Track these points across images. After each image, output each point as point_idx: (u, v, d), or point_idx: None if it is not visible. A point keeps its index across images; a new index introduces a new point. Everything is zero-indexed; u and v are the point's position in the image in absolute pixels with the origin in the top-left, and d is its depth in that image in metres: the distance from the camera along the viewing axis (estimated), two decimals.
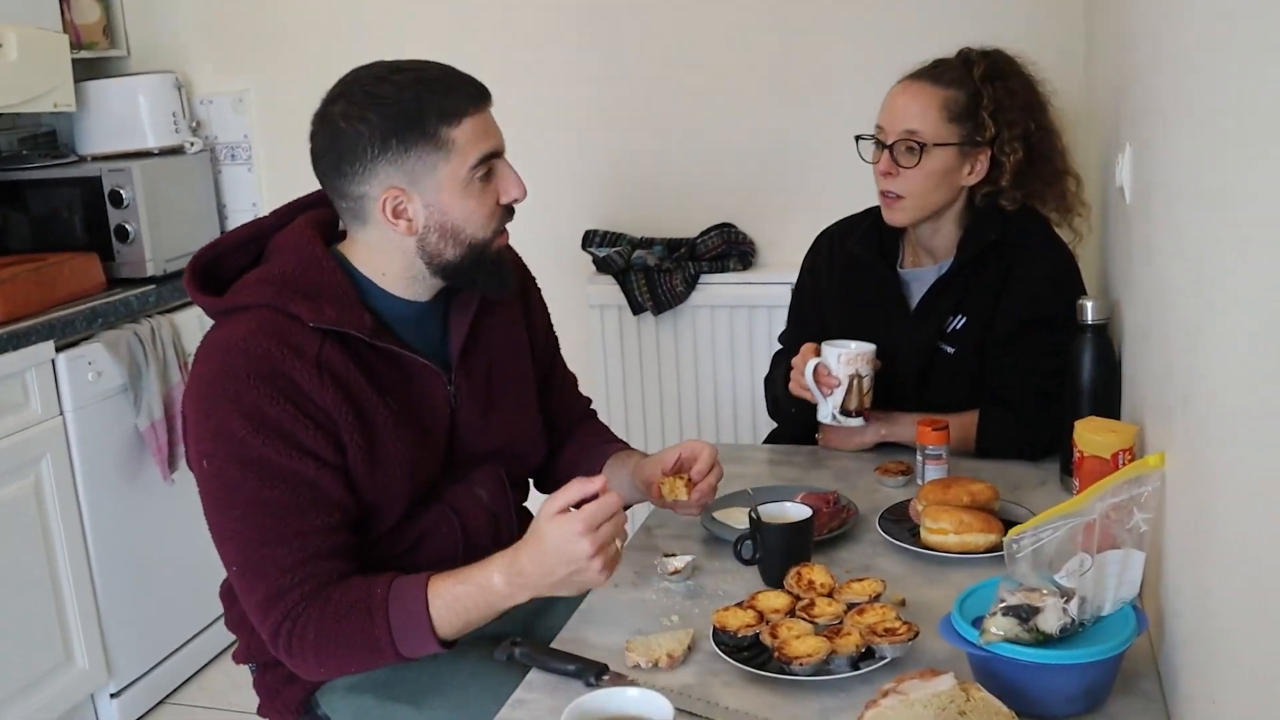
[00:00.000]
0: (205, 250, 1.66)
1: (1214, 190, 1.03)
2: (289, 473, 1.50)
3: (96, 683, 2.90)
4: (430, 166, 1.54)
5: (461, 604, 1.49)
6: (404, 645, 1.49)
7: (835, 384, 1.92)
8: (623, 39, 3.16)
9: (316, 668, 1.53)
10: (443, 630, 1.49)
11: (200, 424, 1.53)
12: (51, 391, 2.76)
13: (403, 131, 1.52)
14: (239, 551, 1.53)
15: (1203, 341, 1.10)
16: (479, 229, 1.59)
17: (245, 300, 1.56)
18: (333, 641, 1.49)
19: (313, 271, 1.58)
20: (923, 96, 2.00)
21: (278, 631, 1.51)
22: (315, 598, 1.50)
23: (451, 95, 1.54)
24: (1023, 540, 1.23)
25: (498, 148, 1.59)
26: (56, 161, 3.33)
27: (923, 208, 2.02)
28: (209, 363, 1.54)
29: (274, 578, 1.50)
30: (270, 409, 1.49)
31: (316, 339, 1.54)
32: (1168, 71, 1.31)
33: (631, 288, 3.07)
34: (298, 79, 3.44)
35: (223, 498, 1.53)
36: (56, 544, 2.77)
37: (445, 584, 1.50)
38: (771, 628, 1.39)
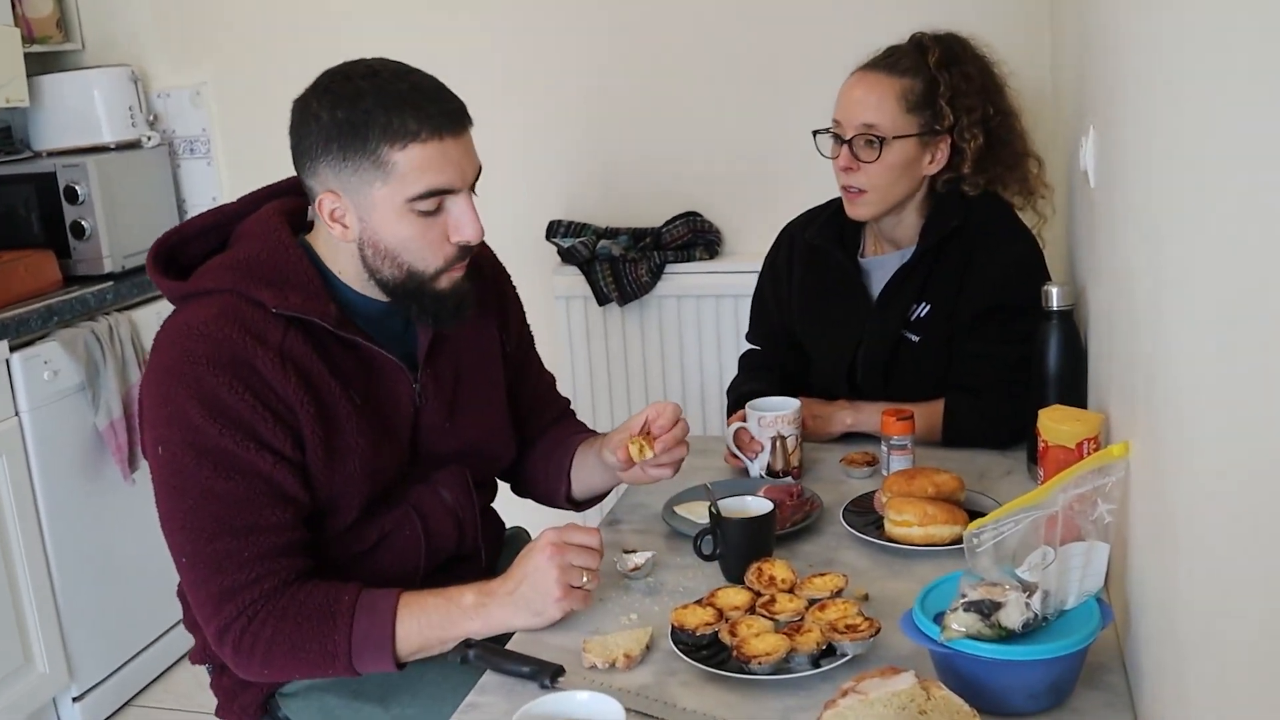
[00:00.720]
0: (169, 235, 1.63)
1: (1175, 172, 1.00)
2: (245, 465, 1.47)
3: (58, 686, 2.86)
4: (365, 183, 1.48)
5: (428, 618, 1.48)
6: (359, 658, 1.47)
7: (759, 448, 1.88)
8: (588, 27, 3.12)
9: (260, 669, 1.49)
10: (402, 647, 1.48)
11: (156, 409, 1.48)
12: (6, 392, 2.71)
13: (344, 139, 1.46)
14: (190, 542, 1.48)
15: (1164, 327, 1.07)
16: (418, 259, 1.53)
17: (208, 285, 1.53)
18: (288, 643, 1.46)
19: (278, 258, 1.54)
20: (879, 88, 1.96)
21: (228, 628, 1.47)
22: (276, 596, 1.47)
23: (406, 115, 1.44)
24: (983, 534, 1.20)
25: (449, 184, 1.49)
26: (10, 158, 3.29)
27: (885, 200, 1.99)
28: (169, 348, 1.49)
29: (230, 572, 1.46)
30: (229, 398, 1.45)
31: (280, 326, 1.50)
32: (1130, 53, 1.28)
33: (597, 278, 3.03)
34: (257, 72, 3.40)
35: (176, 486, 1.48)
36: (14, 546, 2.73)
37: (418, 597, 1.49)
38: (730, 625, 1.36)
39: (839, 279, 2.11)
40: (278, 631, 1.46)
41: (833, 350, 2.11)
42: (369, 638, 1.46)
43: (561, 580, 1.45)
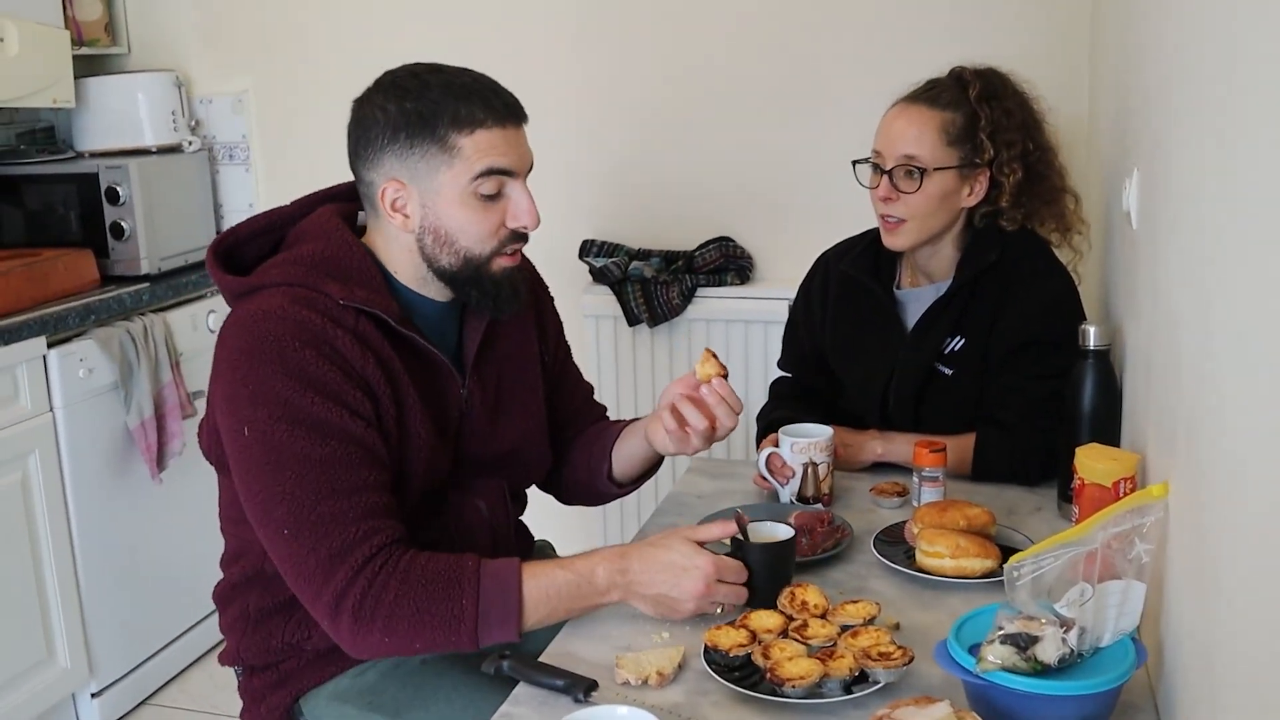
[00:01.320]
0: (225, 235, 1.67)
1: (1226, 219, 1.02)
2: (339, 429, 1.48)
3: (78, 682, 2.88)
4: (432, 168, 1.54)
5: (556, 589, 1.48)
6: (485, 624, 1.45)
7: (790, 474, 1.89)
8: (628, 48, 3.16)
9: (380, 637, 1.45)
10: (529, 614, 1.47)
11: (236, 394, 1.49)
12: (42, 387, 2.74)
13: (413, 127, 1.53)
14: (292, 511, 1.45)
15: (1210, 372, 1.08)
16: (475, 243, 1.58)
17: (275, 279, 1.56)
18: (411, 606, 1.43)
19: (343, 255, 1.58)
20: (920, 120, 1.98)
21: (345, 592, 1.43)
22: (394, 556, 1.46)
23: (471, 103, 1.53)
24: (1023, 568, 1.21)
25: (511, 166, 1.56)
26: (54, 157, 3.33)
27: (923, 231, 2.00)
28: (243, 335, 1.51)
29: (339, 532, 1.44)
30: (315, 369, 1.48)
31: (351, 315, 1.54)
32: (1179, 97, 1.30)
33: (628, 299, 3.05)
34: (297, 81, 3.45)
35: (270, 461, 1.47)
36: (42, 541, 2.75)
37: (542, 567, 1.49)
38: (764, 648, 1.37)
39: (873, 309, 2.13)
40: (401, 594, 1.43)
41: (865, 380, 2.13)
42: (495, 604, 1.45)
43: (701, 606, 1.49)
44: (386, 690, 1.62)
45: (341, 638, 1.48)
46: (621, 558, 1.51)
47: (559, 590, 1.48)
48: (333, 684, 1.64)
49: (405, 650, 1.48)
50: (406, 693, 1.61)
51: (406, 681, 1.62)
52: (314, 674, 1.65)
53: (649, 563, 1.50)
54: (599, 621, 1.56)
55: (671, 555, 1.49)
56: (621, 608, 1.58)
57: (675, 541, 1.50)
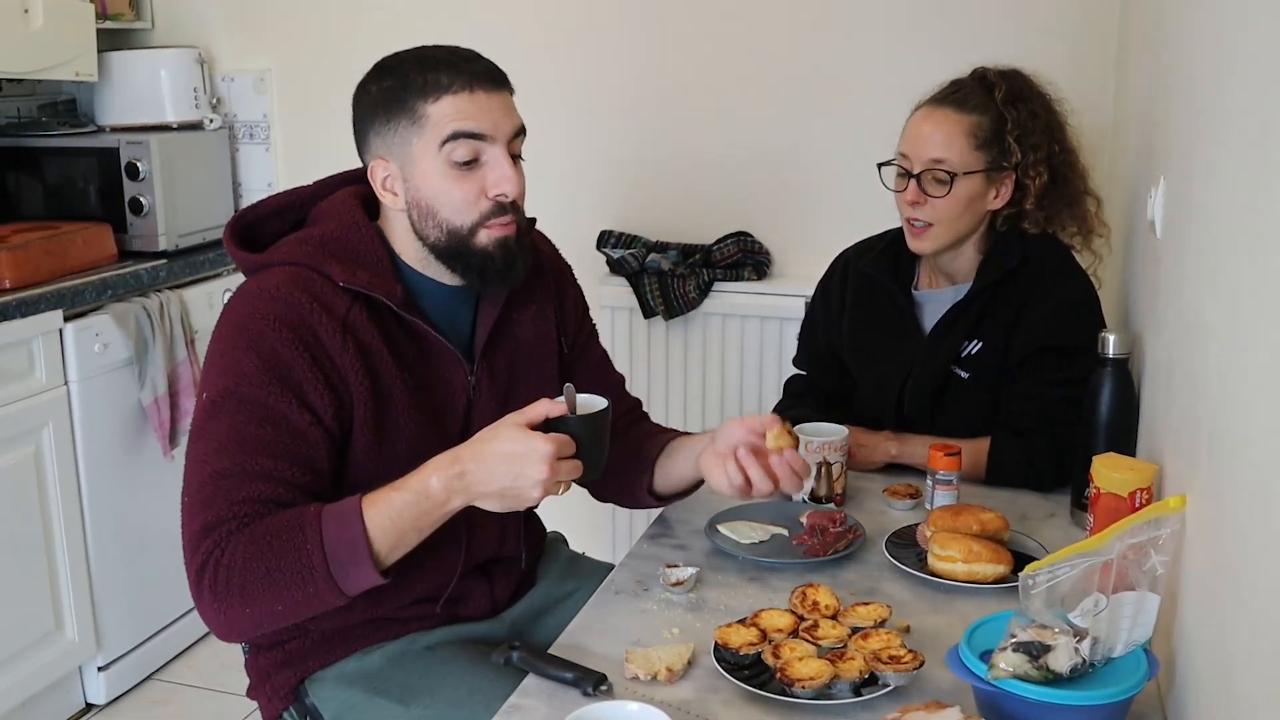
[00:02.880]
0: (245, 212, 1.68)
1: (1255, 232, 1.01)
2: (280, 416, 1.47)
3: (85, 655, 2.89)
4: (406, 140, 1.55)
5: (396, 511, 1.43)
6: (337, 566, 1.40)
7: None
8: (648, 41, 3.15)
9: (240, 608, 1.42)
10: (378, 544, 1.42)
11: (211, 364, 1.52)
12: (57, 361, 2.75)
13: (389, 103, 1.55)
14: (198, 481, 1.46)
15: (1234, 384, 1.07)
16: (454, 214, 1.56)
17: (282, 257, 1.57)
18: (260, 569, 1.40)
19: (352, 237, 1.59)
20: (947, 124, 1.97)
21: (204, 566, 1.42)
22: (245, 528, 1.43)
23: (440, 71, 1.53)
24: (1039, 576, 1.21)
25: (482, 130, 1.53)
26: (75, 130, 3.33)
27: (949, 235, 2.00)
28: (238, 310, 1.53)
29: (220, 507, 1.43)
30: (286, 354, 1.48)
31: (346, 300, 1.54)
32: (1211, 107, 1.29)
33: (644, 291, 3.05)
34: (320, 62, 3.44)
35: (207, 428, 1.48)
36: (53, 514, 2.76)
37: (379, 495, 1.45)
38: (774, 647, 1.37)
39: (891, 310, 2.12)
40: (249, 556, 1.41)
41: (881, 380, 2.12)
42: (341, 542, 1.41)
43: (549, 489, 1.44)
44: (393, 676, 1.62)
45: (209, 619, 1.46)
46: (454, 461, 1.44)
47: (400, 512, 1.43)
48: (338, 666, 1.65)
49: (270, 618, 1.44)
50: (413, 679, 1.61)
51: (413, 667, 1.62)
52: (320, 656, 1.65)
53: (484, 459, 1.43)
54: (609, 616, 1.56)
55: (505, 445, 1.43)
56: (631, 603, 1.58)
57: (504, 430, 1.44)
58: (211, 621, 1.46)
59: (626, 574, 1.68)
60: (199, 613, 1.47)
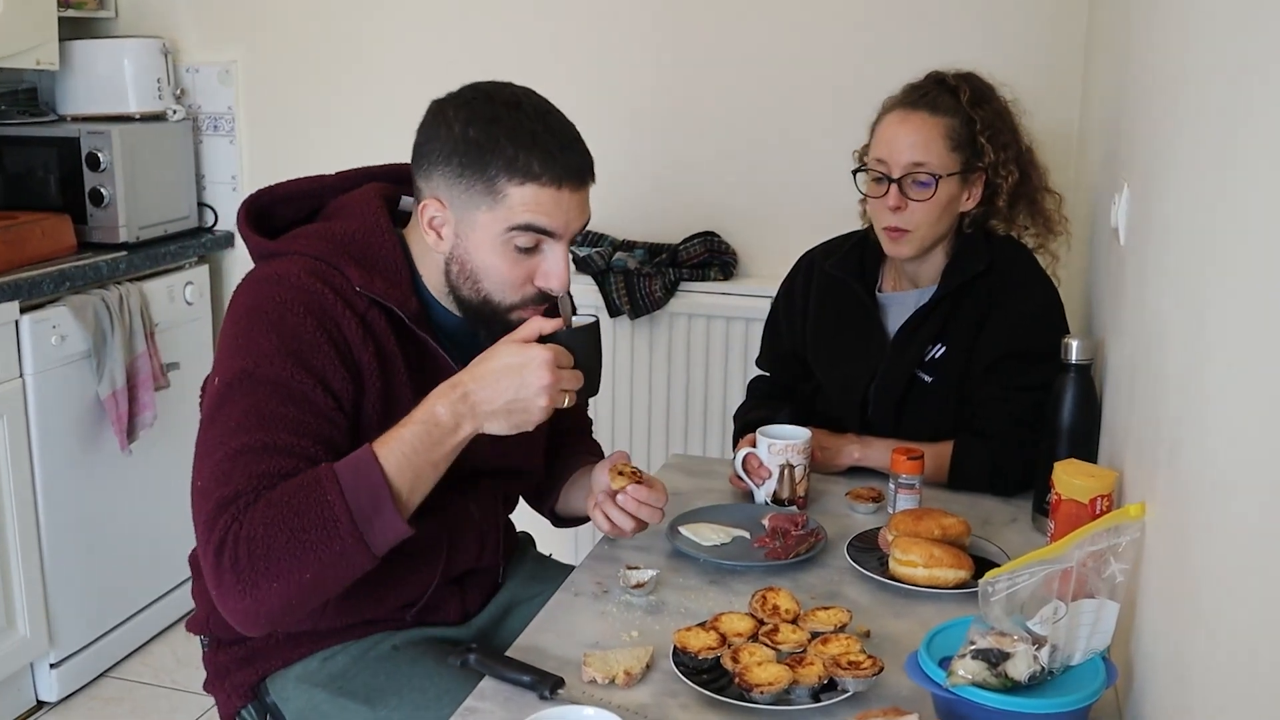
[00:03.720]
0: (260, 194, 1.64)
1: (1219, 240, 1.01)
2: (302, 397, 1.43)
3: (37, 651, 2.85)
4: (473, 203, 1.49)
5: (410, 447, 1.40)
6: (361, 517, 1.36)
7: (766, 474, 1.87)
8: (618, 41, 3.14)
9: (267, 580, 1.35)
10: (398, 484, 1.39)
11: (227, 347, 1.47)
12: (13, 352, 2.71)
13: (467, 157, 1.48)
14: (213, 462, 1.40)
15: (1194, 392, 1.07)
16: (497, 290, 1.53)
17: (299, 249, 1.53)
18: (282, 530, 1.35)
19: (373, 241, 1.55)
20: (925, 128, 1.97)
21: (223, 542, 1.35)
22: (258, 499, 1.38)
23: (533, 156, 1.46)
24: (998, 583, 1.21)
25: (553, 228, 1.49)
26: (35, 120, 3.28)
27: (928, 239, 1.99)
28: (254, 294, 1.49)
29: (238, 481, 1.38)
30: (310, 339, 1.45)
31: (363, 301, 1.51)
32: (1176, 114, 1.29)
33: (610, 290, 3.04)
34: (287, 54, 3.41)
35: (221, 412, 1.42)
36: (6, 508, 2.72)
37: (388, 436, 1.42)
38: (733, 652, 1.36)
39: (856, 312, 2.12)
40: (269, 522, 1.35)
41: (845, 383, 2.12)
42: (361, 489, 1.37)
43: (554, 398, 1.44)
44: (358, 676, 1.60)
45: (232, 604, 1.38)
46: (455, 386, 1.43)
47: (412, 447, 1.41)
48: (300, 666, 1.62)
49: (299, 591, 1.38)
50: (379, 680, 1.59)
51: (379, 668, 1.60)
52: (282, 654, 1.63)
53: (485, 377, 1.43)
54: (568, 617, 1.54)
55: (505, 359, 1.43)
56: (590, 605, 1.57)
57: (500, 346, 1.44)
58: (236, 608, 1.38)
59: (586, 575, 1.67)
60: (220, 605, 1.39)
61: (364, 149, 3.15)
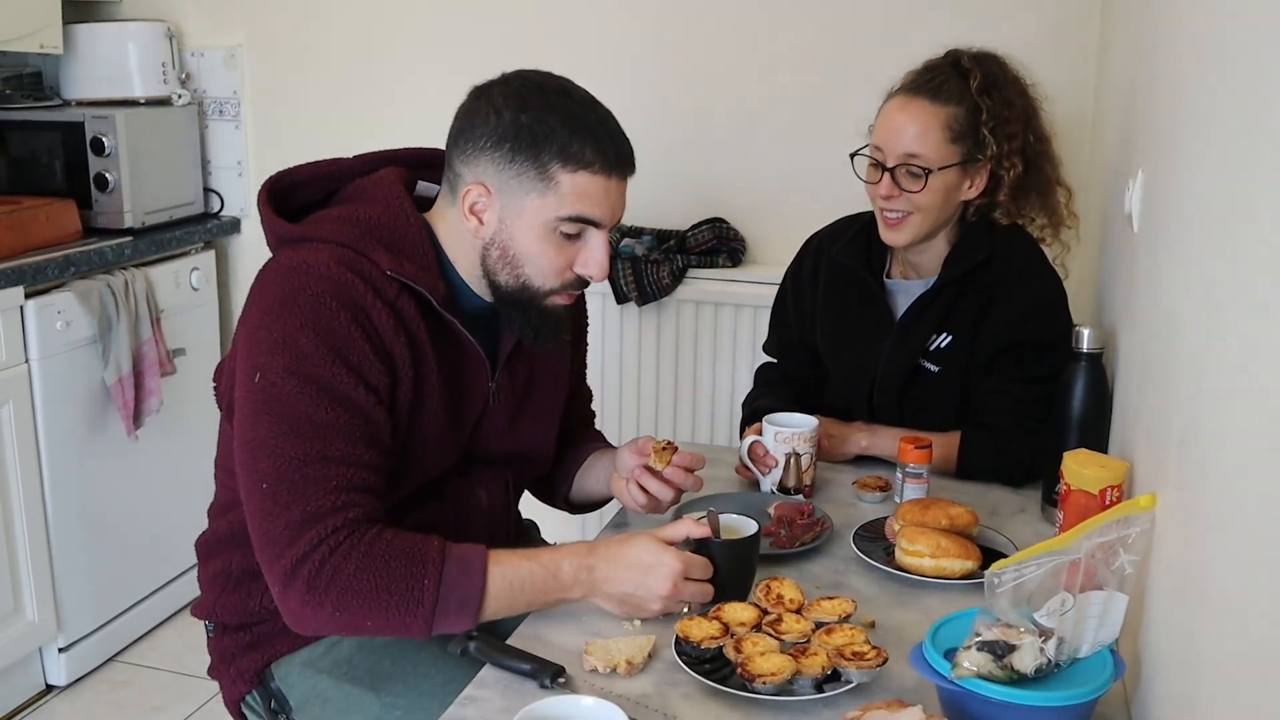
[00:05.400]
0: (281, 175, 1.62)
1: (1234, 226, 0.99)
2: (348, 399, 1.44)
3: (45, 636, 2.86)
4: (523, 190, 1.49)
5: (520, 579, 1.44)
6: (443, 608, 1.40)
7: (773, 463, 1.86)
8: (628, 27, 3.11)
9: (332, 612, 1.40)
10: (490, 603, 1.42)
11: (259, 340, 1.45)
12: (18, 338, 2.71)
13: (520, 142, 1.47)
14: (276, 467, 1.41)
15: (1207, 382, 1.05)
16: (538, 275, 1.54)
17: (325, 234, 1.52)
18: (370, 582, 1.38)
19: (400, 225, 1.55)
20: (922, 117, 1.92)
21: (305, 558, 1.38)
22: (361, 529, 1.41)
23: (588, 144, 1.48)
24: (1005, 575, 1.19)
25: (600, 218, 1.52)
26: (39, 104, 3.27)
27: (924, 227, 1.96)
28: (282, 284, 1.47)
29: (315, 498, 1.40)
30: (345, 333, 1.44)
31: (394, 287, 1.50)
32: (1192, 99, 1.27)
33: (617, 277, 3.02)
34: (292, 38, 3.39)
35: (272, 411, 1.43)
36: (13, 493, 2.72)
37: (508, 557, 1.45)
38: (736, 641, 1.35)
39: (863, 298, 2.09)
40: (361, 568, 1.38)
41: (852, 370, 2.10)
42: (457, 588, 1.40)
43: (669, 606, 1.46)
44: (363, 663, 1.59)
45: (290, 608, 1.42)
46: (589, 554, 1.47)
47: (523, 582, 1.44)
48: (306, 651, 1.62)
49: (352, 630, 1.44)
50: (384, 665, 1.58)
51: (384, 654, 1.59)
52: (288, 640, 1.62)
53: (616, 561, 1.46)
54: (570, 606, 1.53)
55: (639, 554, 1.46)
56: None
57: (642, 539, 1.47)
58: (292, 611, 1.43)
59: None
60: (276, 596, 1.43)
61: (369, 132, 3.14)
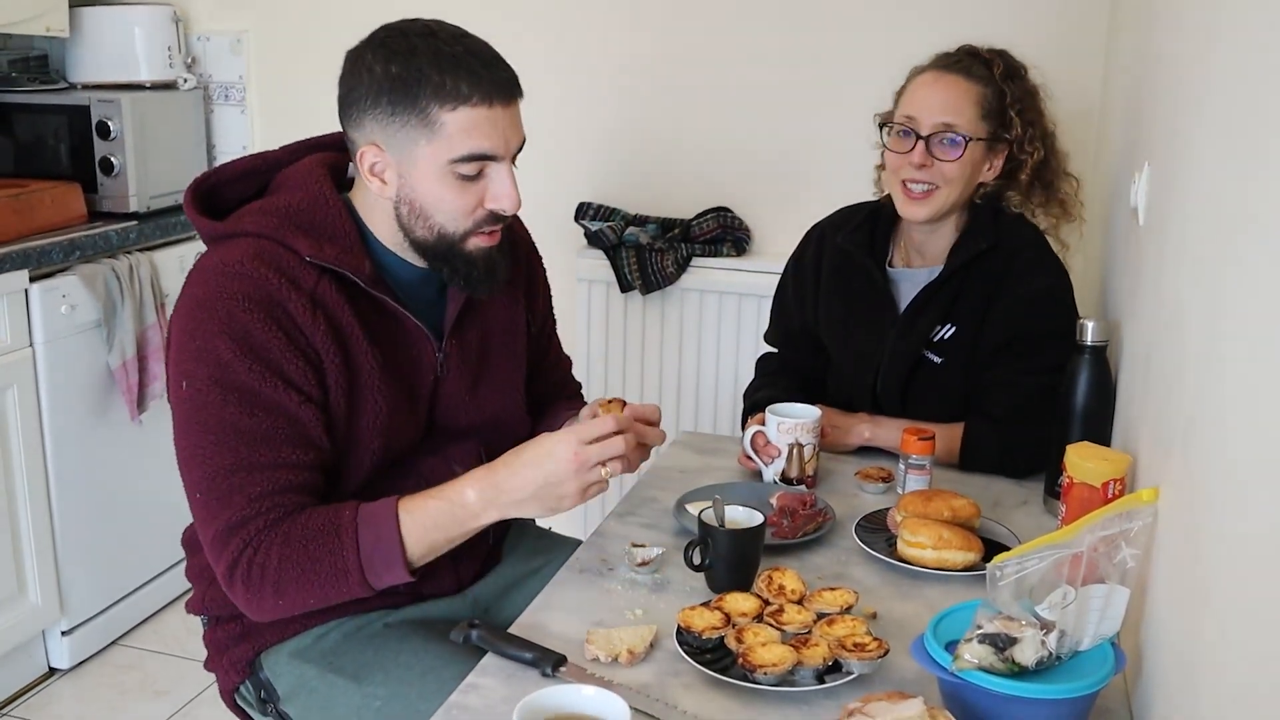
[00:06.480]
0: (208, 174, 1.63)
1: (1241, 220, 0.99)
2: (272, 403, 1.46)
3: (48, 619, 2.86)
4: (411, 140, 1.48)
5: (432, 520, 1.47)
6: (371, 570, 1.46)
7: (775, 453, 1.86)
8: (633, 14, 3.10)
9: (273, 600, 1.47)
10: (412, 551, 1.47)
11: (184, 345, 1.47)
12: (22, 322, 2.70)
13: (395, 94, 1.47)
14: (206, 477, 1.46)
15: (1211, 376, 1.05)
16: (449, 220, 1.53)
17: (246, 227, 1.52)
18: (295, 567, 1.44)
19: (319, 210, 1.54)
20: (958, 90, 1.95)
21: (236, 562, 1.45)
22: (278, 525, 1.45)
23: (460, 77, 1.45)
24: (1007, 568, 1.19)
25: (494, 150, 1.49)
26: (45, 87, 3.26)
27: (948, 201, 1.96)
28: (202, 285, 1.49)
29: (239, 506, 1.45)
30: (261, 335, 1.45)
31: (313, 274, 1.50)
32: (1199, 92, 1.26)
33: (621, 265, 3.01)
34: (298, 23, 3.39)
35: (198, 421, 1.46)
36: (17, 476, 2.72)
37: (416, 502, 1.48)
38: (738, 632, 1.35)
39: (867, 287, 2.09)
40: (284, 556, 1.44)
41: (856, 360, 2.09)
42: (377, 549, 1.45)
43: (582, 484, 1.47)
44: (348, 653, 1.59)
45: (241, 604, 1.50)
46: (489, 473, 1.49)
47: (435, 521, 1.48)
48: (294, 641, 1.63)
49: (301, 608, 1.50)
50: (367, 655, 1.58)
51: (368, 644, 1.60)
52: (277, 630, 1.63)
53: (514, 465, 1.48)
54: (571, 595, 1.53)
55: (532, 450, 1.48)
56: (594, 582, 1.56)
57: (535, 439, 1.49)
58: (244, 607, 1.50)
59: (591, 552, 1.66)
60: (230, 597, 1.51)
61: None
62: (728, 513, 1.57)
